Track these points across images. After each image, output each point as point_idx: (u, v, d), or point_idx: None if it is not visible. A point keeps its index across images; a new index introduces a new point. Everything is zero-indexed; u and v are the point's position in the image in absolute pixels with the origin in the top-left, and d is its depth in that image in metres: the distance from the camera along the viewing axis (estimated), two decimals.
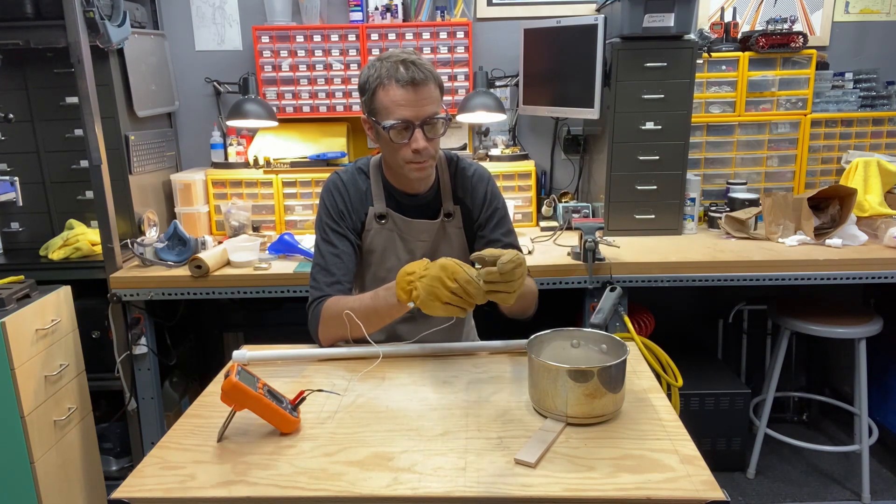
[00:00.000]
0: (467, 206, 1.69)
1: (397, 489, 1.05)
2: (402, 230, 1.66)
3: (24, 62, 2.53)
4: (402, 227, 1.66)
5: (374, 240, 1.67)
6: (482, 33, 2.97)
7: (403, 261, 1.64)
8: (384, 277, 1.65)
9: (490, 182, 1.71)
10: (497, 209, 1.70)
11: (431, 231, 1.68)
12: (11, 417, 1.95)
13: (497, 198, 1.71)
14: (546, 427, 1.21)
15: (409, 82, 1.46)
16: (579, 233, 2.30)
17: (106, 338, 2.49)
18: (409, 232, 1.67)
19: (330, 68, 2.81)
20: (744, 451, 2.71)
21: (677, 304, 3.11)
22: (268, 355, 1.55)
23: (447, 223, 1.69)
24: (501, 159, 2.93)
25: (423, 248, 1.68)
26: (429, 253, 1.67)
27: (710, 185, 2.89)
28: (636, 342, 1.65)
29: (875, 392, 2.82)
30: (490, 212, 1.69)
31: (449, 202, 1.68)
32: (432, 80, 1.50)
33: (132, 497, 1.08)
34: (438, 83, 1.53)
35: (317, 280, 1.60)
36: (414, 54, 1.51)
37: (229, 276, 2.32)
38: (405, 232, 1.67)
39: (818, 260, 2.31)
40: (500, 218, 1.71)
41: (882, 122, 2.84)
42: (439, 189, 1.67)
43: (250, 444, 1.20)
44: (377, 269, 1.69)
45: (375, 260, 1.69)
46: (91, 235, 2.54)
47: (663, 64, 2.50)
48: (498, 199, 1.71)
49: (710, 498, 1.02)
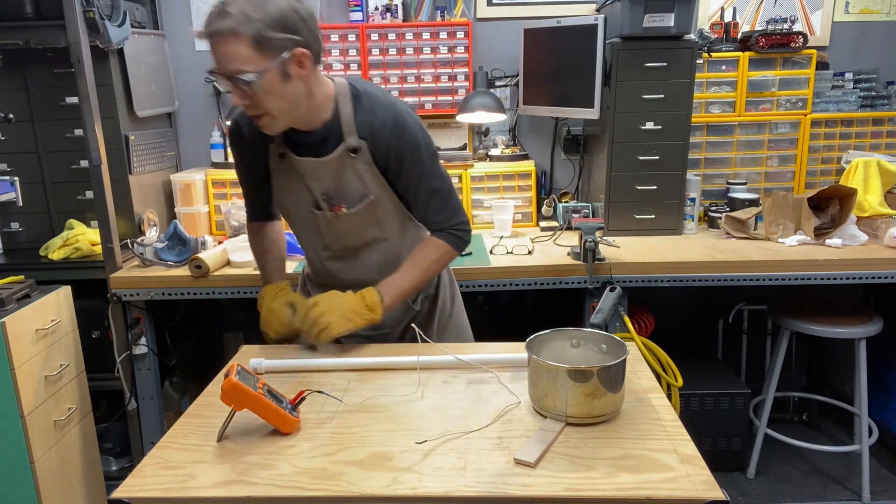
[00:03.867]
0: (373, 146, 1.52)
1: (397, 489, 1.05)
2: (297, 168, 1.56)
3: (24, 62, 2.53)
4: (296, 165, 1.56)
5: (279, 179, 1.62)
6: (482, 33, 2.97)
7: (302, 202, 1.60)
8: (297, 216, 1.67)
9: (397, 126, 1.50)
10: (404, 158, 1.52)
11: (326, 169, 1.54)
12: (11, 417, 1.95)
13: (406, 144, 1.51)
14: (546, 427, 1.21)
15: (207, 34, 1.32)
16: (579, 233, 2.30)
17: (106, 338, 2.49)
18: (303, 170, 1.56)
19: (330, 68, 2.80)
20: (744, 451, 2.71)
21: (677, 304, 3.11)
22: (288, 364, 1.51)
23: (354, 159, 1.53)
24: (501, 159, 2.93)
25: (321, 187, 1.57)
26: (332, 192, 1.57)
27: (710, 185, 2.89)
28: (636, 342, 1.65)
29: (875, 392, 2.82)
30: (395, 161, 1.53)
31: (352, 137, 1.51)
32: (236, 33, 1.29)
33: (132, 497, 1.08)
34: (253, 36, 1.30)
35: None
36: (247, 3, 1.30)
37: (229, 276, 2.32)
38: (299, 170, 1.56)
39: (818, 260, 2.31)
40: (413, 162, 1.53)
41: (882, 122, 2.84)
42: (341, 123, 1.52)
43: (250, 444, 1.20)
44: (290, 208, 1.66)
45: (285, 200, 1.66)
46: (91, 235, 2.54)
47: (663, 64, 2.50)
48: (406, 146, 1.51)
49: (709, 498, 1.02)
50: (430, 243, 1.64)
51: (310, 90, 1.45)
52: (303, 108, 1.47)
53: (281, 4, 1.33)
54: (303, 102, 1.46)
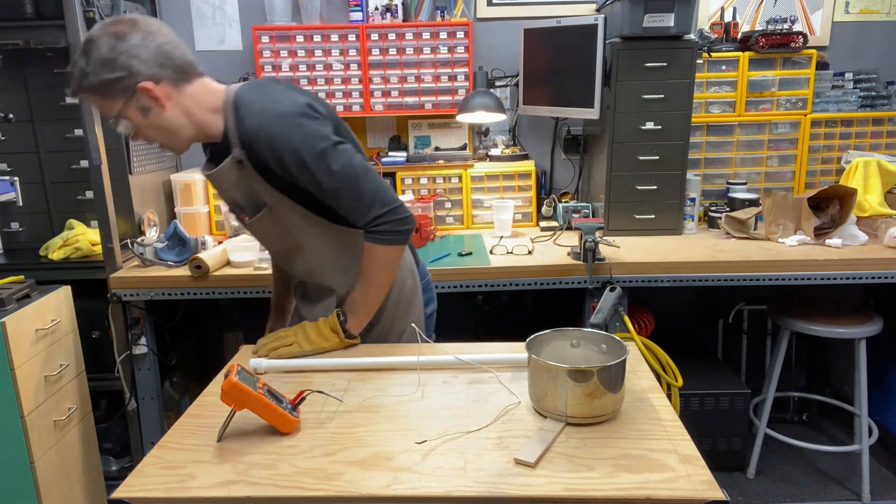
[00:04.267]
0: (252, 156, 1.45)
1: (397, 489, 1.05)
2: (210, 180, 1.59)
3: (24, 62, 2.54)
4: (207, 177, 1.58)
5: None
6: (482, 33, 2.97)
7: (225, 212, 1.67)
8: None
9: (265, 133, 1.40)
10: (285, 164, 1.42)
11: (223, 181, 1.53)
12: (11, 417, 1.95)
13: (281, 151, 1.40)
14: (546, 427, 1.21)
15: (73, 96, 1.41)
16: (579, 233, 2.30)
17: (106, 338, 2.49)
18: (211, 182, 1.58)
19: (330, 68, 2.81)
20: (744, 451, 2.71)
21: (677, 304, 3.10)
22: (288, 364, 1.52)
23: (243, 170, 1.48)
24: (501, 159, 2.93)
25: (227, 197, 1.59)
26: (234, 202, 1.58)
27: (710, 185, 2.89)
28: (636, 342, 1.65)
29: (875, 392, 2.82)
30: (279, 168, 1.44)
31: (237, 148, 1.46)
32: (83, 90, 1.36)
33: (132, 497, 1.08)
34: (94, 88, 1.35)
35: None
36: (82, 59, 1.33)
37: (229, 276, 2.32)
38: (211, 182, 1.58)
39: (818, 260, 2.31)
40: (297, 167, 1.42)
41: (882, 122, 2.84)
42: (228, 135, 1.48)
43: (250, 444, 1.20)
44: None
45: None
46: (91, 235, 2.54)
47: (663, 64, 2.50)
48: (283, 152, 1.40)
49: (709, 498, 1.02)
50: (364, 251, 1.51)
51: (185, 111, 1.44)
52: (187, 129, 1.47)
53: (103, 49, 1.33)
54: (182, 124, 1.45)
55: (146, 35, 1.36)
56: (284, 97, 1.43)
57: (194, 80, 1.45)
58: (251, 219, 1.58)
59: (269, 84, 1.49)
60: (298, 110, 1.41)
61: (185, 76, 1.43)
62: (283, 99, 1.43)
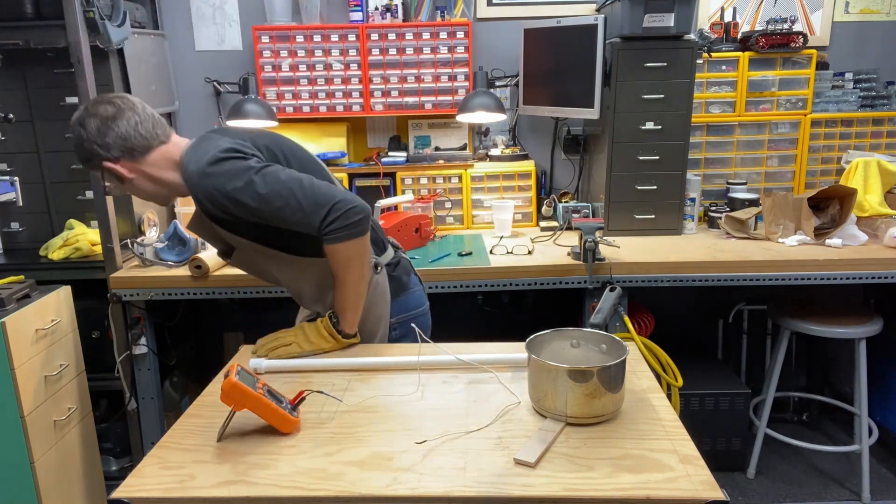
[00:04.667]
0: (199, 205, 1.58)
1: (397, 489, 1.05)
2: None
3: (24, 62, 2.53)
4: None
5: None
6: (482, 33, 2.97)
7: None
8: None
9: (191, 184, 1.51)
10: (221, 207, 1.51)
11: (192, 229, 1.72)
12: (11, 417, 1.95)
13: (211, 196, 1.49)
14: (546, 427, 1.21)
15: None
16: (579, 233, 2.30)
17: (106, 338, 2.49)
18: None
19: (330, 68, 2.81)
20: (744, 451, 2.71)
21: (677, 304, 3.10)
22: (288, 364, 1.52)
23: (203, 220, 1.63)
24: (501, 159, 2.93)
25: (208, 241, 1.80)
26: (216, 245, 1.78)
27: (710, 185, 2.89)
28: (636, 342, 1.65)
29: (875, 392, 2.82)
30: (222, 212, 1.53)
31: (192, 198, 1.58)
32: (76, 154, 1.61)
33: (132, 497, 1.08)
34: (81, 160, 1.61)
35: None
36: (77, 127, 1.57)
37: (229, 276, 2.32)
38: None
39: (818, 260, 2.31)
40: (234, 204, 1.49)
41: (882, 122, 2.84)
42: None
43: (250, 444, 1.20)
44: None
45: None
46: (91, 235, 2.54)
47: (663, 64, 2.50)
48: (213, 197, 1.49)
49: (709, 498, 1.02)
50: (328, 254, 1.53)
51: (150, 178, 1.62)
52: (159, 189, 1.65)
53: (74, 135, 1.58)
54: (152, 188, 1.64)
55: (103, 121, 1.56)
56: (210, 147, 1.52)
57: (153, 149, 1.60)
58: (229, 259, 1.75)
59: (206, 137, 1.59)
60: (213, 158, 1.49)
61: (144, 150, 1.59)
62: (207, 150, 1.51)
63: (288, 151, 1.67)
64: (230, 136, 1.58)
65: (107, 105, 1.57)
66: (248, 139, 1.59)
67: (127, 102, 1.60)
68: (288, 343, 1.59)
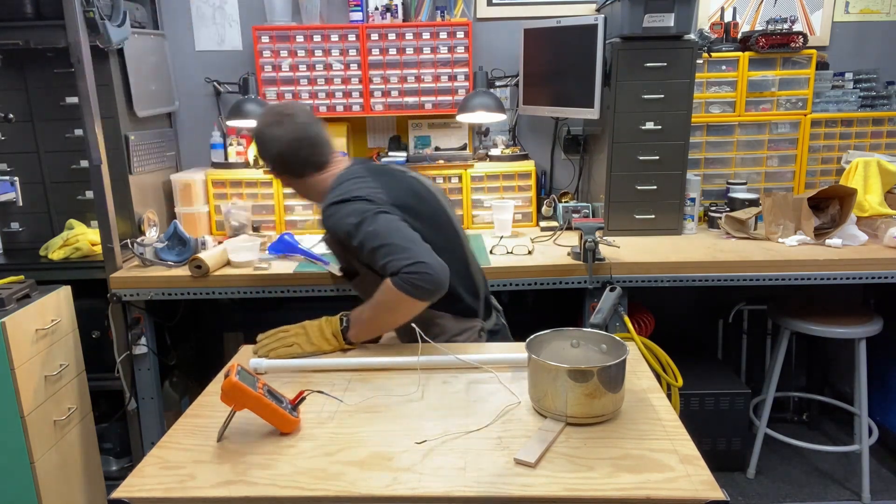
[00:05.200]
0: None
1: (397, 489, 1.05)
2: None
3: (24, 62, 2.53)
4: None
5: None
6: (482, 33, 2.97)
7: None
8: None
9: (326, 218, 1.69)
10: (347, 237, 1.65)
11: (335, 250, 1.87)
12: (11, 417, 1.95)
13: (338, 229, 1.66)
14: (546, 427, 1.21)
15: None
16: (579, 233, 2.30)
17: (106, 338, 2.49)
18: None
19: (330, 68, 2.81)
20: (744, 451, 2.71)
21: (677, 304, 3.10)
22: (288, 364, 1.53)
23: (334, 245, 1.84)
24: (501, 159, 2.93)
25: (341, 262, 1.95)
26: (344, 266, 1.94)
27: (710, 185, 2.89)
28: (636, 342, 1.65)
29: (875, 392, 2.82)
30: (345, 240, 1.66)
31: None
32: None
33: (132, 497, 1.08)
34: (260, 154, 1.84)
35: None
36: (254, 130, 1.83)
37: (229, 276, 2.32)
38: None
39: (818, 260, 2.31)
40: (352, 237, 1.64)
41: (882, 122, 2.84)
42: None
43: (250, 444, 1.20)
44: None
45: None
46: (91, 235, 2.54)
47: (663, 64, 2.50)
48: (339, 230, 1.66)
49: (709, 498, 1.02)
50: (381, 286, 1.59)
51: (307, 189, 1.84)
52: (313, 198, 1.86)
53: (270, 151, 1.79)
54: (308, 195, 1.88)
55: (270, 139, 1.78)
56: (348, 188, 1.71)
57: (305, 177, 1.81)
58: (349, 283, 1.91)
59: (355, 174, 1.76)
60: (343, 198, 1.68)
61: (297, 174, 1.81)
62: (343, 191, 1.70)
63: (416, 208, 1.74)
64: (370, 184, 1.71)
65: (275, 126, 1.77)
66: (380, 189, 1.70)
67: (291, 127, 1.76)
68: (289, 344, 1.59)
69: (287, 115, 1.78)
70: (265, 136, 1.79)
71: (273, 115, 1.80)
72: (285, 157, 1.78)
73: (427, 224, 1.71)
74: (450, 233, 1.84)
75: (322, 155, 1.80)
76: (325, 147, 1.81)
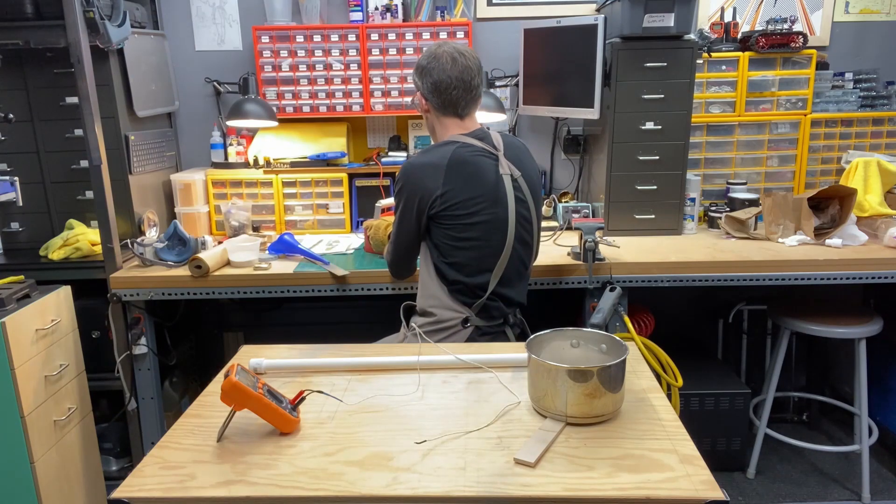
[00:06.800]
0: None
1: (397, 489, 1.05)
2: None
3: (24, 62, 2.53)
4: None
5: None
6: (482, 33, 2.97)
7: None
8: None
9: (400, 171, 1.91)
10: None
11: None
12: (11, 417, 1.95)
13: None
14: (546, 427, 1.21)
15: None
16: (579, 233, 2.30)
17: (106, 338, 2.49)
18: None
19: (330, 68, 2.81)
20: (744, 451, 2.71)
21: (677, 304, 3.11)
22: (288, 364, 1.52)
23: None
24: None
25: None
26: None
27: (710, 185, 2.89)
28: (636, 342, 1.65)
29: (875, 392, 2.82)
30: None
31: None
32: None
33: (132, 497, 1.08)
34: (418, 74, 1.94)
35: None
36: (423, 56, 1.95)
37: (229, 276, 2.32)
38: None
39: (818, 260, 2.31)
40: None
41: (882, 122, 2.84)
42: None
43: (250, 444, 1.20)
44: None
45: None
46: (91, 235, 2.54)
47: (663, 64, 2.50)
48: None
49: (709, 498, 1.02)
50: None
51: (432, 127, 1.98)
52: (433, 138, 2.00)
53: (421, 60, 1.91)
54: (431, 133, 2.01)
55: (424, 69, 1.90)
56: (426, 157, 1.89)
57: (439, 117, 1.93)
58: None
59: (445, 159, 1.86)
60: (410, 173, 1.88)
61: (443, 111, 1.92)
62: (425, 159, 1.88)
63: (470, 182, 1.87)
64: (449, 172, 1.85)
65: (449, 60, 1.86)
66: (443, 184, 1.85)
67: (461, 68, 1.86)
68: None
69: (463, 57, 1.87)
70: (431, 66, 1.87)
71: (452, 52, 1.87)
72: (440, 88, 1.87)
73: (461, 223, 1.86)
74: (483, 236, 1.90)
75: (463, 108, 1.90)
76: (470, 104, 1.92)
